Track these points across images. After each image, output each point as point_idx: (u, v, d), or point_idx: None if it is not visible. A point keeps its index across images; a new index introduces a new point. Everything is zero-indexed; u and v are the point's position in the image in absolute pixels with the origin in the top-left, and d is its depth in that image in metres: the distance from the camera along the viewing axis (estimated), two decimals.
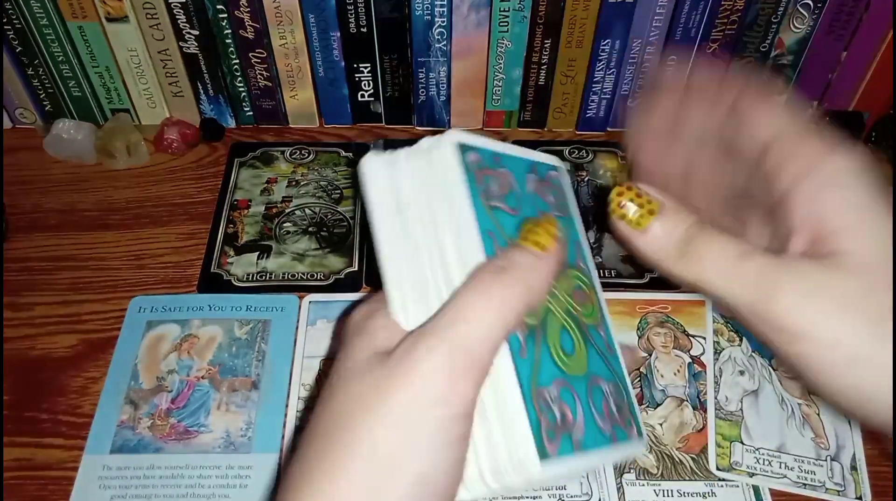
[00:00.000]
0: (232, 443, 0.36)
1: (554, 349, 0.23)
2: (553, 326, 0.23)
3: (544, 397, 0.22)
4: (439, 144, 0.23)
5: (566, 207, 0.26)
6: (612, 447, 0.23)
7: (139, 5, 0.44)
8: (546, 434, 0.21)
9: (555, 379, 0.22)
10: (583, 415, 0.23)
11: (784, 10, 0.45)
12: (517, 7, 0.44)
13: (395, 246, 0.23)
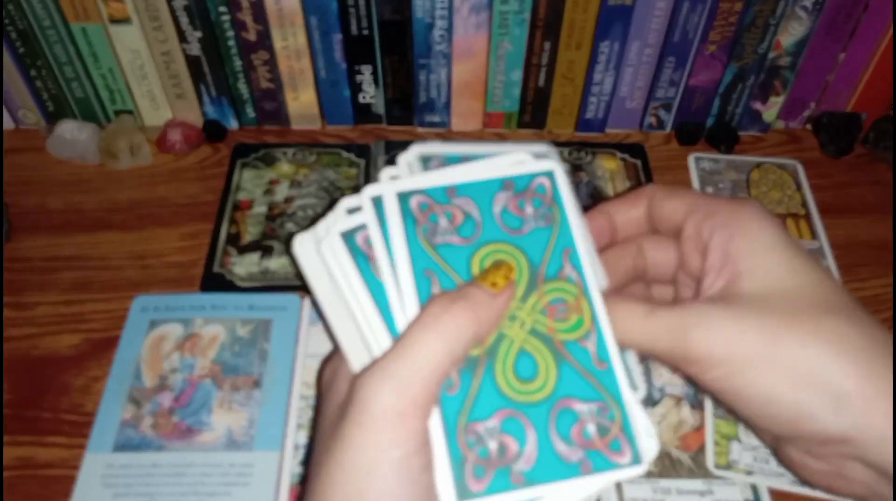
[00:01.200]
0: (234, 441, 0.36)
1: (503, 378, 0.23)
2: (506, 353, 0.23)
3: (475, 431, 0.22)
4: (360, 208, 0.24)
5: (552, 214, 0.25)
6: (582, 476, 0.22)
7: (142, 7, 0.44)
8: (471, 472, 0.21)
9: (498, 410, 0.22)
10: (536, 445, 0.22)
11: (782, 12, 0.45)
12: (517, 9, 0.45)
13: (338, 307, 0.24)
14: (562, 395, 0.23)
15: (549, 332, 0.24)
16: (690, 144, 0.52)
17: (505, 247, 0.25)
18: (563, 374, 0.23)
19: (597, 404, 0.23)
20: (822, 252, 0.45)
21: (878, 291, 0.43)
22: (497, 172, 0.26)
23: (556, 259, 0.25)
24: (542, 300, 0.24)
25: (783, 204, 0.48)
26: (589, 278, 0.25)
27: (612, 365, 0.24)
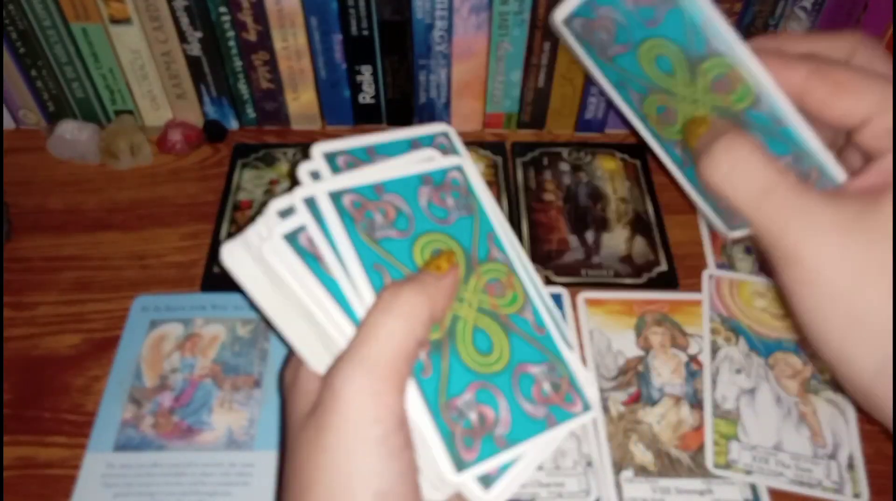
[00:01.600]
0: (234, 441, 0.36)
1: (466, 355, 0.24)
2: (463, 331, 0.25)
3: (456, 406, 0.23)
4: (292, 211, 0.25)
5: (470, 204, 0.28)
6: (550, 429, 0.24)
7: (142, 7, 0.45)
8: (462, 443, 0.23)
9: (469, 384, 0.24)
10: (508, 409, 0.24)
11: (781, 13, 0.45)
12: (517, 10, 0.45)
13: (286, 310, 0.24)
14: (517, 362, 0.25)
15: (493, 308, 0.26)
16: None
17: (439, 236, 0.26)
18: (513, 343, 0.25)
19: (545, 365, 0.26)
20: None
21: None
22: (414, 169, 0.27)
23: (483, 243, 0.27)
24: (480, 281, 0.26)
25: None
26: (512, 257, 0.27)
27: (549, 330, 0.27)
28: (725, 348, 0.40)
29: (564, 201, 0.48)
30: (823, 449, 0.36)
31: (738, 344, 0.40)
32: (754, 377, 0.39)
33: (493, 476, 0.23)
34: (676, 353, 0.40)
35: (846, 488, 0.35)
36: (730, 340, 0.40)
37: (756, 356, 0.40)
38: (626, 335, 0.40)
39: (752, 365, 0.39)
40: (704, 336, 0.40)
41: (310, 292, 0.24)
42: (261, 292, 0.24)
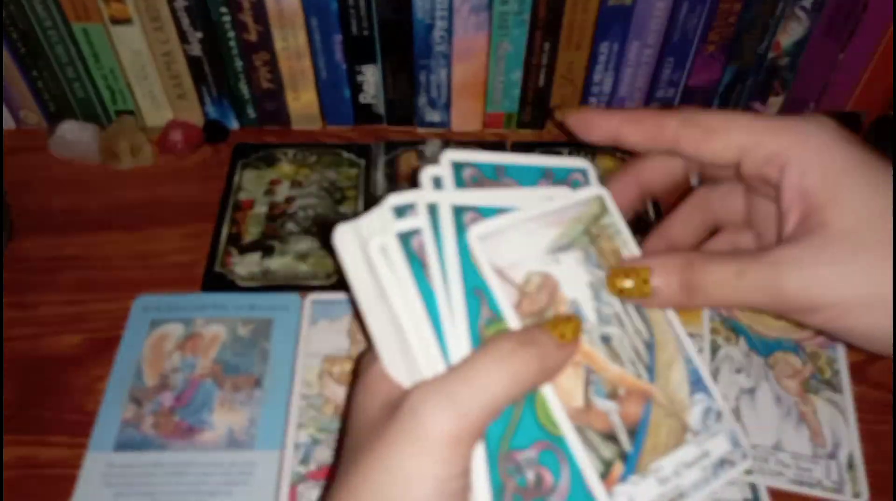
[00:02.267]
0: (235, 440, 0.36)
1: (542, 410, 0.23)
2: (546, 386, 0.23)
3: (515, 460, 0.22)
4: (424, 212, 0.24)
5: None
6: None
7: (143, 8, 0.45)
8: (510, 499, 0.22)
9: (535, 442, 0.23)
10: (569, 479, 0.23)
11: (781, 12, 0.45)
12: (517, 10, 0.45)
13: (378, 305, 0.24)
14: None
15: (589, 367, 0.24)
16: None
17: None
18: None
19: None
20: None
21: None
22: (545, 206, 0.26)
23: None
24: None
25: None
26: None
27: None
28: (725, 347, 0.40)
29: None
30: (823, 449, 0.36)
31: (737, 344, 0.40)
32: (754, 376, 0.39)
33: None
34: None
35: (846, 488, 0.35)
36: (730, 339, 0.40)
37: (756, 355, 0.40)
38: None
39: (752, 365, 0.39)
40: (704, 336, 0.40)
41: (404, 296, 0.23)
42: (360, 280, 0.24)
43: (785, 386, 0.38)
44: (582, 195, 0.28)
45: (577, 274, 0.27)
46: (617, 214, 0.29)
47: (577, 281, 0.27)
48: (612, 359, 0.26)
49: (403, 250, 0.23)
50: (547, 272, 0.27)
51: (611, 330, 0.27)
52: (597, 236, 0.28)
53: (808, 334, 0.41)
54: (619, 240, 0.28)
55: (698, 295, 0.25)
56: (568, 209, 0.28)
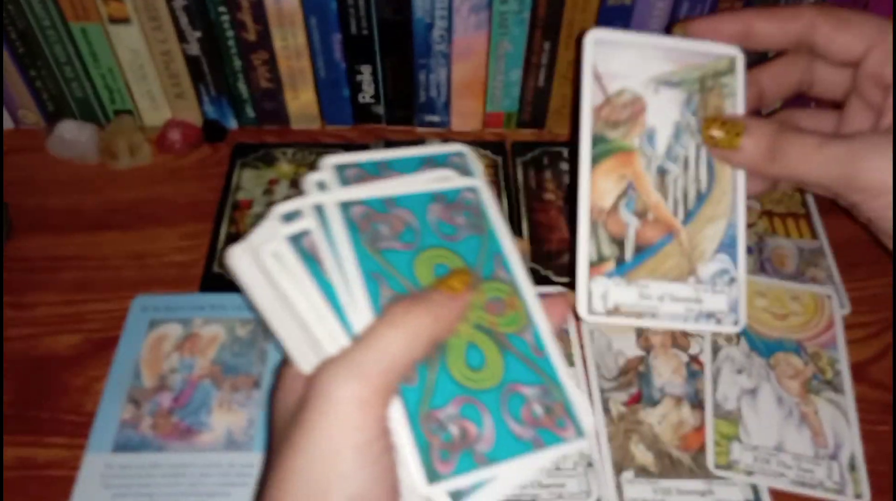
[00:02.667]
0: (234, 442, 0.36)
1: (456, 369, 0.24)
2: (455, 347, 0.25)
3: (437, 418, 0.23)
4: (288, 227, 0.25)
5: (481, 224, 0.28)
6: (536, 452, 0.24)
7: (141, 7, 0.44)
8: (437, 455, 0.23)
9: (455, 398, 0.24)
10: (493, 427, 0.24)
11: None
12: (517, 9, 0.44)
13: (283, 312, 0.25)
14: (509, 381, 0.25)
15: (490, 326, 0.26)
16: None
17: (443, 252, 0.26)
18: (508, 362, 0.25)
19: (540, 387, 0.26)
20: (822, 252, 0.45)
21: (877, 291, 0.43)
22: (427, 186, 0.28)
23: (489, 263, 0.27)
24: (481, 298, 0.26)
25: (783, 203, 0.48)
26: (518, 280, 0.27)
27: (549, 353, 0.26)
28: (726, 348, 0.40)
29: (565, 201, 0.47)
30: (825, 450, 0.36)
31: (739, 344, 0.40)
32: (755, 377, 0.39)
33: (464, 491, 0.23)
34: (677, 353, 0.40)
35: (847, 488, 0.35)
36: (731, 340, 0.40)
37: (757, 356, 0.39)
38: (626, 335, 0.40)
39: (754, 365, 0.39)
40: (705, 336, 0.40)
41: (305, 293, 0.24)
42: (260, 293, 0.25)
43: (786, 387, 0.38)
44: (717, 50, 0.29)
45: (669, 109, 0.30)
46: (742, 79, 0.30)
47: (666, 115, 0.30)
48: (657, 188, 0.29)
49: (296, 252, 0.24)
50: (641, 95, 0.30)
51: (671, 166, 0.29)
52: (710, 89, 0.30)
53: (809, 334, 0.40)
54: (728, 101, 0.30)
55: (781, 161, 0.27)
56: (696, 55, 0.30)
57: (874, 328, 0.41)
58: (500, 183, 0.48)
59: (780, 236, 0.46)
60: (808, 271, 0.44)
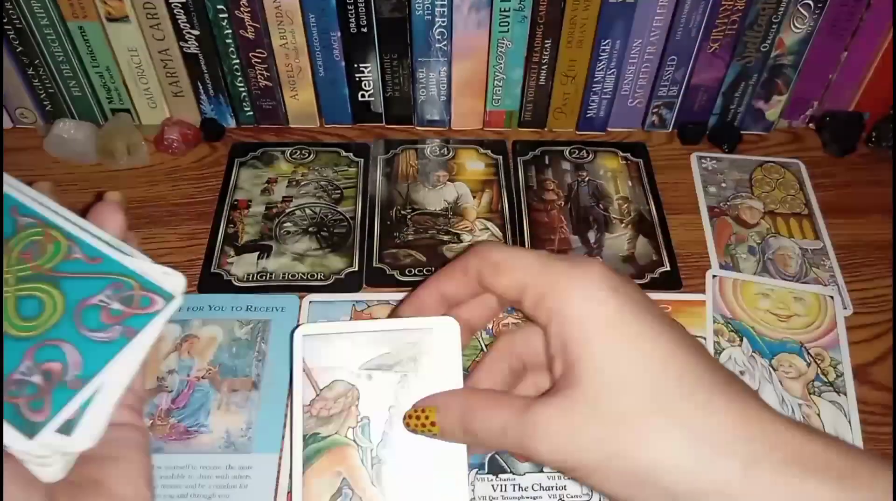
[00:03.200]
0: (232, 443, 0.36)
1: (12, 328, 0.25)
2: (4, 311, 0.25)
3: (15, 380, 0.23)
4: None
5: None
6: (131, 342, 0.25)
7: (139, 5, 0.44)
8: (29, 410, 0.23)
9: (25, 352, 0.24)
10: (76, 350, 0.24)
11: (784, 11, 0.45)
12: (518, 7, 0.44)
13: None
14: (75, 302, 0.25)
15: (34, 271, 0.26)
16: (693, 144, 0.51)
17: None
18: (67, 289, 0.25)
19: (108, 288, 0.26)
20: (824, 253, 0.45)
21: (880, 291, 0.43)
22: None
23: (8, 220, 0.27)
24: (13, 255, 0.26)
25: (786, 204, 0.47)
26: (44, 213, 0.27)
27: (106, 254, 0.26)
28: (729, 349, 0.39)
29: (566, 201, 0.47)
30: None
31: (741, 345, 0.40)
32: (758, 378, 0.38)
33: (73, 418, 0.23)
34: None
35: None
36: (733, 341, 0.40)
37: (760, 357, 0.39)
38: None
39: (756, 367, 0.39)
40: (708, 337, 0.40)
41: None
42: None
43: (788, 388, 0.38)
44: (432, 323, 0.30)
45: (384, 395, 0.30)
46: (457, 347, 0.30)
47: (380, 401, 0.30)
48: (374, 481, 0.29)
49: None
50: (353, 384, 0.30)
51: (386, 454, 0.29)
52: (426, 365, 0.30)
53: (812, 335, 0.40)
54: (444, 372, 0.30)
55: (473, 439, 0.27)
56: (411, 333, 0.30)
57: (876, 330, 0.41)
58: (501, 182, 0.48)
59: (783, 236, 0.45)
60: (811, 272, 0.43)
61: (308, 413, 0.31)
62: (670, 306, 0.41)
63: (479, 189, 0.47)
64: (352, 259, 0.43)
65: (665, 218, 0.46)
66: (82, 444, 0.23)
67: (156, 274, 0.26)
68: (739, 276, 0.43)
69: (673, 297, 0.42)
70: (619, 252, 0.44)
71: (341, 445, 0.31)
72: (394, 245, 0.44)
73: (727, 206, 0.47)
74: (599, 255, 0.44)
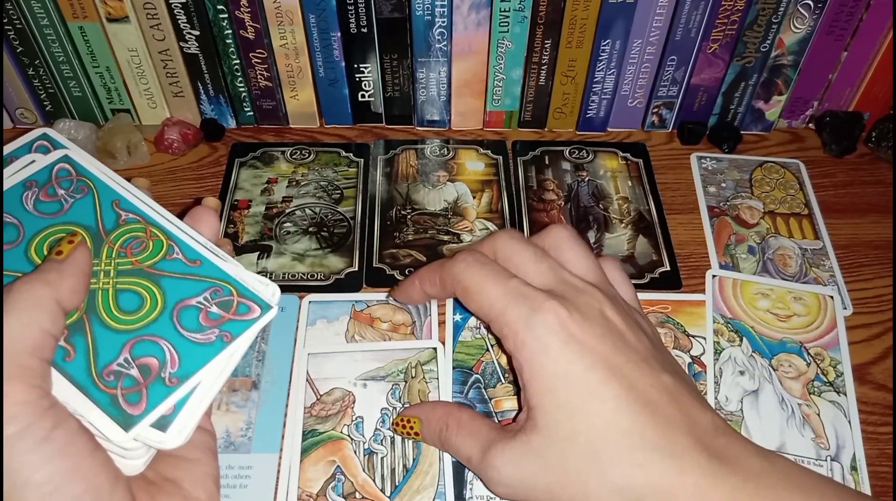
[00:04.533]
0: (232, 443, 0.36)
1: (112, 320, 0.25)
2: (103, 301, 0.25)
3: (112, 371, 0.24)
4: None
5: (84, 184, 0.28)
6: (228, 346, 0.25)
7: (139, 5, 0.44)
8: (125, 402, 0.23)
9: (123, 345, 0.25)
10: (173, 349, 0.25)
11: (784, 11, 0.45)
12: (517, 7, 0.44)
13: None
14: (175, 301, 0.26)
15: (135, 265, 0.27)
16: (693, 143, 0.51)
17: (56, 228, 0.27)
18: (166, 288, 0.26)
19: (207, 291, 0.26)
20: (824, 252, 0.45)
21: (880, 291, 0.43)
22: (14, 180, 0.28)
23: (109, 213, 0.28)
24: (115, 247, 0.27)
25: (786, 204, 0.47)
26: (146, 210, 0.28)
27: (205, 258, 0.27)
28: (729, 349, 0.40)
29: (566, 201, 0.47)
30: (826, 451, 0.36)
31: (741, 345, 0.40)
32: (758, 378, 0.38)
33: (168, 415, 0.24)
34: (679, 354, 0.39)
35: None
36: (733, 341, 0.40)
37: (759, 357, 0.39)
38: None
39: (756, 367, 0.39)
40: (707, 338, 0.40)
41: None
42: None
43: (788, 388, 0.38)
44: (420, 344, 0.36)
45: (376, 400, 0.36)
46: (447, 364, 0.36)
47: (372, 405, 0.36)
48: (365, 469, 0.34)
49: None
50: (350, 390, 0.36)
51: (378, 448, 0.34)
52: (414, 377, 0.37)
53: (812, 335, 0.40)
54: (432, 384, 0.36)
55: (451, 453, 0.31)
56: (400, 351, 0.37)
57: (876, 330, 0.41)
58: (501, 182, 0.48)
59: (783, 236, 0.45)
60: (810, 272, 0.43)
61: (308, 414, 0.35)
62: (670, 306, 0.41)
63: (478, 189, 0.48)
64: (352, 259, 0.43)
65: (665, 218, 0.46)
66: (174, 442, 0.24)
67: (252, 282, 0.27)
68: (739, 276, 0.43)
69: (672, 297, 0.42)
70: (619, 252, 0.44)
71: (336, 439, 0.34)
72: (394, 245, 0.44)
73: (727, 206, 0.47)
74: (599, 255, 0.44)
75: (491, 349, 0.38)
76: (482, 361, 0.38)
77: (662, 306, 0.41)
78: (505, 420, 0.36)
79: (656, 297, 0.42)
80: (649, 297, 0.42)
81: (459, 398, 0.36)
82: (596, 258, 0.32)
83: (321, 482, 0.33)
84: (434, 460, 0.34)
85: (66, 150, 0.29)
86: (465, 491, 0.34)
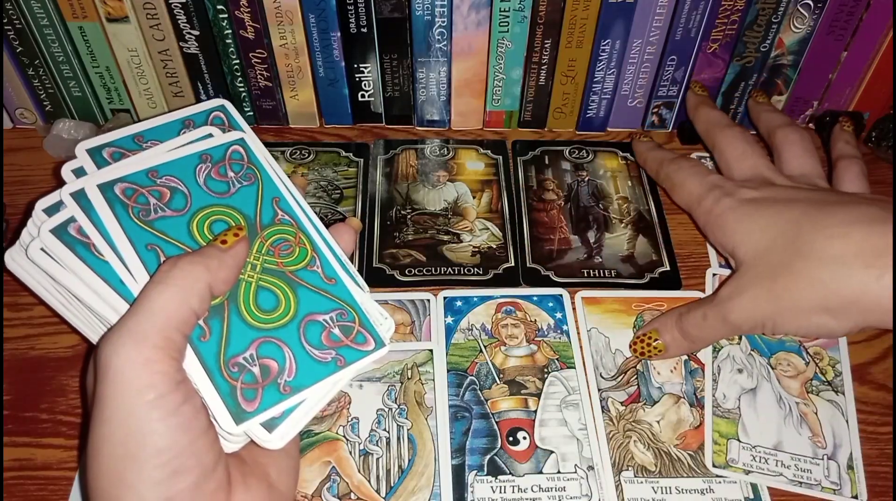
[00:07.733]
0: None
1: (249, 314, 0.26)
2: (245, 293, 0.26)
3: (238, 363, 0.25)
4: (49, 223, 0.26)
5: (252, 173, 0.29)
6: (340, 370, 0.26)
7: (139, 5, 0.44)
8: (242, 396, 0.25)
9: (252, 341, 0.26)
10: (293, 358, 0.26)
11: (784, 10, 0.45)
12: (517, 7, 0.44)
13: (70, 302, 0.26)
14: (305, 313, 0.27)
15: (279, 267, 0.27)
16: (692, 143, 0.51)
17: (219, 208, 0.28)
18: (301, 297, 0.27)
19: (335, 311, 0.28)
20: None
21: None
22: (191, 149, 0.29)
23: (268, 208, 0.28)
24: (265, 244, 0.28)
25: None
26: (300, 217, 0.29)
27: (340, 278, 0.28)
28: (727, 347, 0.40)
29: (566, 201, 0.47)
30: (823, 450, 0.36)
31: (740, 344, 0.40)
32: (756, 376, 0.39)
33: (277, 418, 0.25)
34: None
35: (845, 489, 0.35)
36: (732, 339, 0.40)
37: (758, 355, 0.39)
38: (624, 333, 0.40)
39: (754, 365, 0.39)
40: None
41: (82, 277, 0.25)
42: (45, 289, 0.26)
43: (786, 387, 0.38)
44: (417, 346, 0.36)
45: (372, 400, 0.36)
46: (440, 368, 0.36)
47: (368, 406, 0.36)
48: (361, 469, 0.33)
49: (62, 241, 0.25)
50: (345, 391, 0.36)
51: (374, 449, 0.34)
52: (410, 378, 0.36)
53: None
54: (428, 385, 0.36)
55: (691, 339, 0.36)
56: (397, 353, 0.37)
57: (876, 330, 0.41)
58: (501, 182, 0.48)
59: None
60: None
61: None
62: (666, 304, 0.41)
63: (478, 189, 0.48)
64: (351, 259, 0.43)
65: (665, 218, 0.46)
66: (276, 444, 0.25)
67: (374, 314, 0.28)
68: None
69: (669, 294, 0.42)
70: (619, 252, 0.44)
71: (331, 439, 0.34)
72: (393, 245, 0.44)
73: None
74: (599, 255, 0.44)
75: (484, 350, 0.38)
76: (476, 362, 0.38)
77: (658, 304, 0.41)
78: (511, 419, 0.36)
79: (654, 295, 0.42)
80: (646, 295, 0.42)
81: (455, 400, 0.36)
82: (807, 156, 0.40)
83: (316, 483, 0.33)
84: (430, 461, 0.34)
85: (242, 133, 0.30)
86: (466, 494, 0.34)
